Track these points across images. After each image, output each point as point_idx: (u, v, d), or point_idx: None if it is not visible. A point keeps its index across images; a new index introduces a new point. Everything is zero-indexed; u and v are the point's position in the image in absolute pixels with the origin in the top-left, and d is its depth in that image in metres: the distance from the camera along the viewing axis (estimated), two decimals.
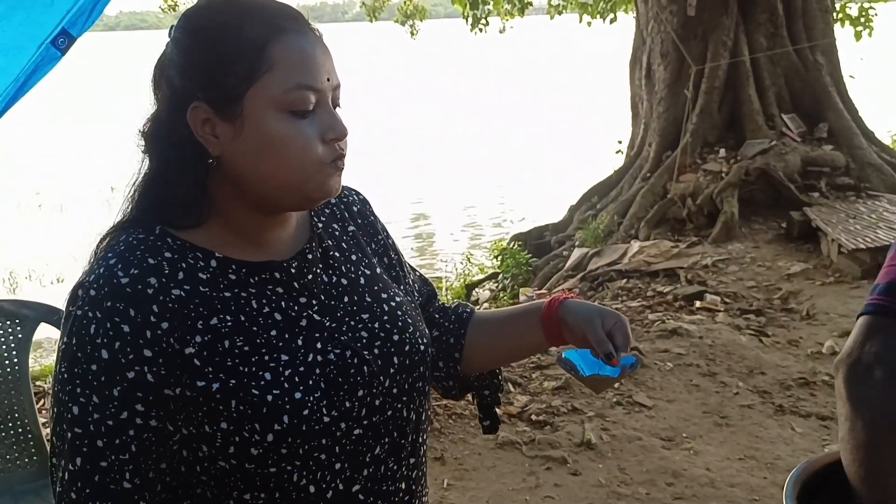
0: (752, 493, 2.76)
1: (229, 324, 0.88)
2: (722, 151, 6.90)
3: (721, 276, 5.30)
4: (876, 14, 9.13)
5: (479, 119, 19.83)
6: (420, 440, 1.04)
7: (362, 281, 1.01)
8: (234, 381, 0.86)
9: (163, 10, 13.06)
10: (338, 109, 0.92)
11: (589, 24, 10.98)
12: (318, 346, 0.92)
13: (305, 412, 0.88)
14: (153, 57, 0.93)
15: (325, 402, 0.89)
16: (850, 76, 7.50)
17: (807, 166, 6.63)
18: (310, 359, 0.90)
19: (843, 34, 8.22)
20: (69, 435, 0.85)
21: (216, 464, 0.89)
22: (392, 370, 0.97)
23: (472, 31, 10.61)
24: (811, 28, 7.24)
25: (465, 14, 10.31)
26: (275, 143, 0.86)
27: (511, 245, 7.69)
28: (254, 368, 0.87)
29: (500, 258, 7.53)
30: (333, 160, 0.89)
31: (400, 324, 1.00)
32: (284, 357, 0.89)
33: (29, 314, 1.96)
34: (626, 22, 9.79)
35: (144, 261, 0.86)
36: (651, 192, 6.91)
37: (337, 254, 1.01)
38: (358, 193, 1.12)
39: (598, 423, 3.26)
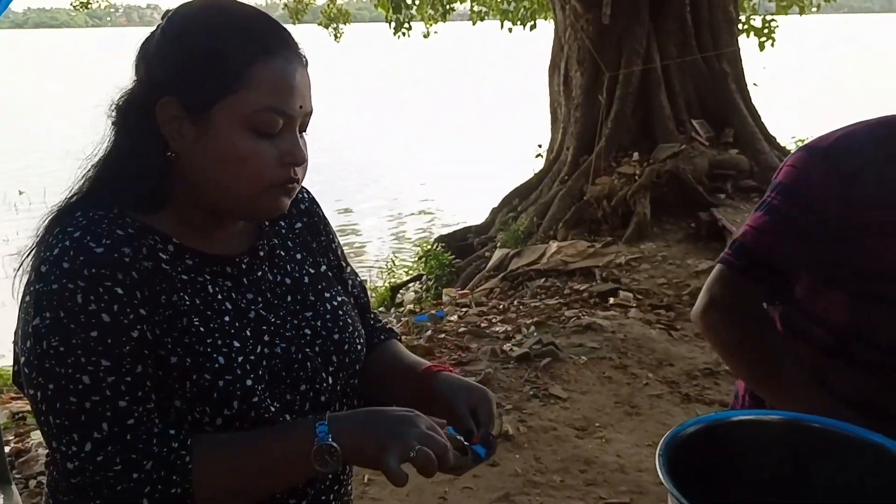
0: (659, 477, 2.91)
1: (187, 303, 0.90)
2: (635, 155, 7.17)
3: (634, 274, 5.52)
4: (777, 26, 9.67)
5: (402, 123, 19.87)
6: None
7: (306, 280, 1.04)
8: (189, 360, 0.88)
9: (74, 7, 12.58)
10: (304, 134, 0.94)
11: (510, 30, 11.20)
12: (266, 338, 0.96)
13: (255, 399, 0.91)
14: (64, 57, 0.92)
15: (268, 394, 0.93)
16: (754, 84, 7.91)
17: (714, 169, 6.95)
18: (258, 350, 0.94)
19: (747, 44, 8.66)
20: (85, 406, 0.83)
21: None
22: (332, 368, 1.01)
23: (395, 35, 10.66)
24: (717, 38, 7.60)
25: (389, 18, 10.36)
26: (232, 157, 0.88)
27: (435, 247, 7.78)
28: (209, 349, 0.90)
29: (424, 260, 7.60)
30: (285, 183, 0.92)
31: (340, 323, 1.04)
32: (237, 343, 0.92)
33: None
34: (546, 29, 10.03)
35: (113, 232, 0.87)
36: (569, 194, 7.11)
37: (282, 252, 1.04)
38: (307, 192, 1.14)
39: (515, 416, 3.36)
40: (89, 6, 12.49)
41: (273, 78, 0.88)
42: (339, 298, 1.07)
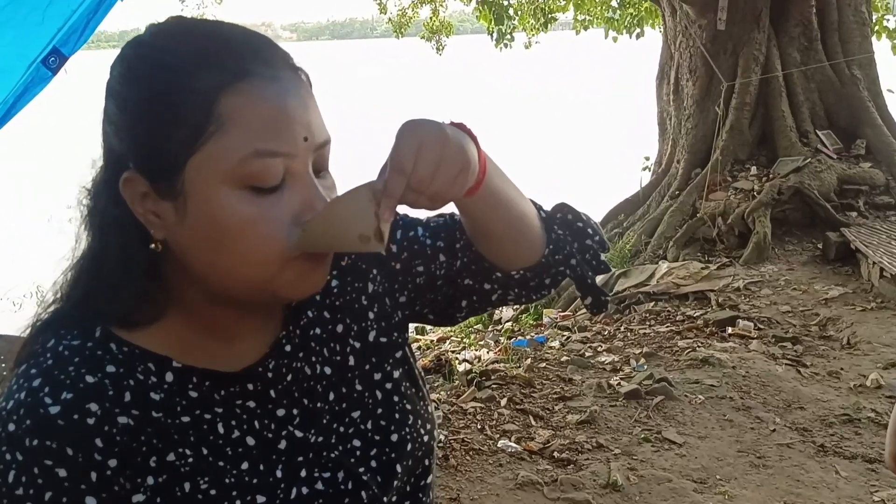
0: None
1: (190, 460, 0.69)
2: (753, 169, 6.68)
3: (754, 300, 5.07)
4: None
5: (505, 134, 19.68)
6: None
7: (351, 361, 0.80)
8: None
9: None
10: (326, 174, 0.70)
11: (615, 39, 10.80)
12: (303, 473, 0.74)
13: None
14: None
15: None
16: (889, 90, 7.23)
17: (843, 184, 6.38)
18: (293, 495, 0.72)
19: (879, 47, 7.96)
20: None
21: None
22: (395, 482, 0.79)
23: (496, 46, 10.49)
24: (847, 41, 7.00)
25: (490, 30, 10.22)
26: (228, 231, 0.65)
27: None
28: None
29: None
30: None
31: (397, 416, 0.80)
32: (261, 499, 0.71)
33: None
34: (653, 37, 9.61)
35: (81, 380, 0.66)
36: (680, 210, 6.69)
37: (318, 330, 0.80)
38: None
39: (624, 462, 3.06)
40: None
41: (251, 108, 0.64)
42: (395, 374, 0.82)
